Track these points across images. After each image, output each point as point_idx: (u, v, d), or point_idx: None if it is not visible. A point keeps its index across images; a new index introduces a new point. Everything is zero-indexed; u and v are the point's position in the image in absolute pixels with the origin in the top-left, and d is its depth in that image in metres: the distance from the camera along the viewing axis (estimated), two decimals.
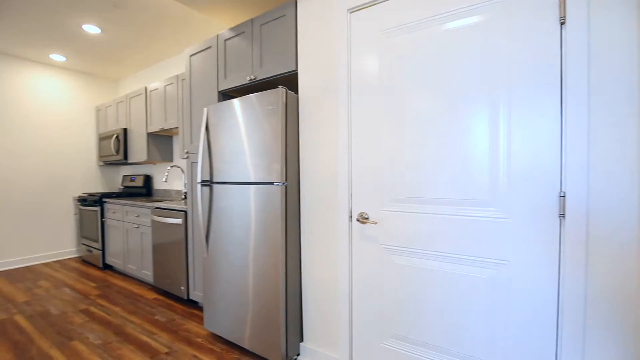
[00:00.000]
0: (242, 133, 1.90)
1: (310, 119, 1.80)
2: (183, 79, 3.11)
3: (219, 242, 2.05)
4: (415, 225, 1.45)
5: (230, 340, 2.04)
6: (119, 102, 4.04)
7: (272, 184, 1.76)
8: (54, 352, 2.02)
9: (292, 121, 1.80)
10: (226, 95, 2.38)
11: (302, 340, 1.90)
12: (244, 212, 1.90)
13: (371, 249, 1.59)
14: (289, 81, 2.07)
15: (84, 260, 4.16)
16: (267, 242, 1.79)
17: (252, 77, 2.08)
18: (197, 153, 2.43)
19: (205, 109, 2.13)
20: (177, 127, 3.23)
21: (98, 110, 4.53)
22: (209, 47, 2.41)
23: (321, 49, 1.75)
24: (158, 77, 4.10)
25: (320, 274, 1.79)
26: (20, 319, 2.48)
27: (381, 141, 1.54)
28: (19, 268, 3.86)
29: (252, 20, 2.09)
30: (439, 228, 1.39)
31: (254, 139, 1.84)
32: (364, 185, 1.60)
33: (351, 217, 1.66)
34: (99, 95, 4.67)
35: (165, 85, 3.33)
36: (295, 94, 1.83)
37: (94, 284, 3.26)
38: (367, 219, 1.59)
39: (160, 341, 2.14)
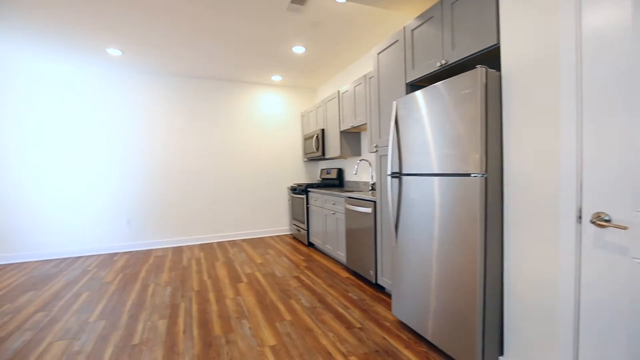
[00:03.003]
0: (433, 122, 1.83)
1: (519, 99, 1.52)
2: (370, 77, 3.31)
3: (408, 234, 2.07)
4: None
5: (415, 330, 2.04)
6: (318, 107, 4.75)
7: (468, 175, 1.61)
8: (280, 305, 2.61)
9: (493, 104, 1.58)
10: (414, 86, 2.36)
11: (501, 353, 1.67)
12: (434, 204, 1.84)
13: (614, 261, 1.19)
14: (484, 62, 1.83)
15: (294, 237, 5.19)
16: (461, 236, 1.66)
17: (443, 62, 1.96)
18: (386, 146, 2.54)
19: (394, 103, 2.18)
20: (365, 124, 3.49)
21: (302, 115, 5.50)
22: (396, 41, 2.44)
23: (531, 11, 1.44)
24: (347, 80, 4.55)
25: (530, 282, 1.51)
26: (259, 275, 3.36)
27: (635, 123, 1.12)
28: (254, 238, 5.23)
29: (441, 2, 1.96)
30: None
31: (446, 128, 1.73)
32: (603, 179, 1.21)
33: (580, 217, 1.30)
34: (302, 103, 5.66)
35: (355, 86, 3.64)
36: (496, 72, 1.59)
37: (302, 257, 4.00)
38: (608, 221, 1.20)
39: (353, 316, 2.39)
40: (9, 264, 4.04)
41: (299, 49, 3.84)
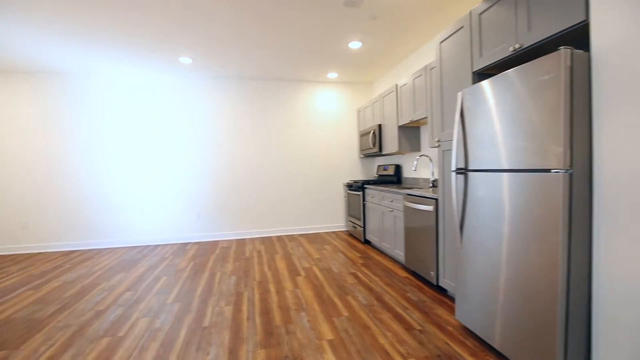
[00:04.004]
0: (504, 113, 1.68)
1: (616, 83, 1.32)
2: (432, 68, 3.15)
3: (475, 234, 1.94)
4: None
5: (481, 337, 1.90)
6: (375, 102, 4.66)
7: (547, 171, 1.44)
8: (337, 300, 2.63)
9: (579, 91, 1.39)
10: (481, 75, 2.19)
11: None
12: (504, 202, 1.68)
13: None
14: (565, 43, 1.61)
15: (350, 234, 5.18)
16: (537, 238, 1.49)
17: (517, 46, 1.78)
18: (450, 140, 2.40)
19: (459, 94, 2.04)
20: (425, 117, 3.33)
21: (359, 111, 5.44)
22: (461, 28, 2.28)
23: None
24: (405, 73, 4.39)
25: (628, 297, 1.30)
26: (316, 270, 3.42)
27: None
28: (311, 233, 5.34)
29: None
30: None
31: (520, 119, 1.57)
32: None
33: None
34: (358, 99, 5.60)
35: (414, 79, 3.50)
36: (584, 53, 1.40)
37: (358, 254, 3.98)
38: None
39: (413, 317, 2.31)
40: (104, 249, 4.68)
41: (355, 44, 3.80)
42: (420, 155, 3.57)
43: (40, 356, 1.93)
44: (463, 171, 2.03)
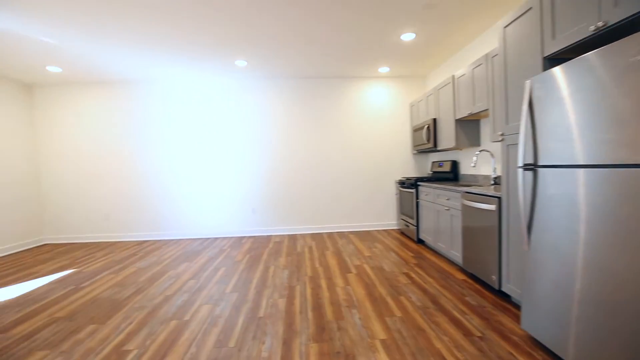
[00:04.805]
0: (586, 102, 1.49)
1: None
2: (493, 56, 2.92)
3: (545, 237, 1.76)
4: None
5: (551, 349, 1.71)
6: (429, 96, 4.46)
7: (638, 166, 1.25)
8: (389, 300, 2.57)
9: None
10: (553, 60, 1.97)
11: None
12: (584, 202, 1.50)
13: None
14: None
15: (402, 233, 5.04)
16: (627, 242, 1.31)
17: (600, 24, 1.57)
18: (516, 134, 2.20)
19: (527, 82, 1.86)
20: (486, 110, 3.10)
21: (412, 105, 5.25)
22: (529, 9, 2.07)
23: None
24: (462, 64, 4.12)
25: None
26: (367, 268, 3.39)
27: None
28: (361, 231, 5.30)
29: None
30: None
31: (603, 108, 1.38)
32: None
33: None
34: (410, 93, 5.40)
35: (473, 69, 3.27)
36: None
37: (411, 254, 3.85)
38: None
39: (472, 323, 2.17)
40: (170, 240, 5.13)
41: (408, 36, 3.66)
42: (480, 151, 3.33)
43: (121, 332, 2.18)
44: (531, 167, 1.85)
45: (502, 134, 2.37)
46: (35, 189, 5.07)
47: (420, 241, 4.39)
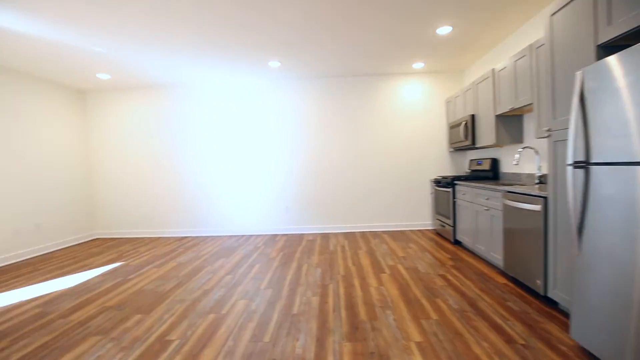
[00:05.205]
0: None
1: None
2: (538, 47, 2.74)
3: (599, 240, 1.62)
4: None
5: None
6: (466, 91, 4.27)
7: None
8: (424, 302, 2.50)
9: None
10: (608, 48, 1.81)
11: None
12: None
13: None
14: None
15: (437, 233, 4.88)
16: None
17: None
18: (565, 129, 2.05)
19: (578, 73, 1.73)
20: (530, 104, 2.92)
21: (448, 102, 5.06)
22: None
23: None
24: (503, 56, 3.90)
25: None
26: (401, 268, 3.32)
27: None
28: (395, 231, 5.20)
29: None
30: None
31: None
32: None
33: None
34: (446, 88, 5.21)
35: (515, 61, 3.09)
36: None
37: (447, 255, 3.72)
38: None
39: (514, 329, 2.05)
40: (208, 236, 5.35)
41: (444, 30, 3.53)
42: (523, 147, 3.14)
43: (164, 323, 2.30)
44: (583, 165, 1.71)
45: (548, 130, 2.22)
46: (88, 189, 5.51)
47: (457, 242, 4.23)
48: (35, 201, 4.51)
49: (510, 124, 3.55)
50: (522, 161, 3.60)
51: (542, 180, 3.10)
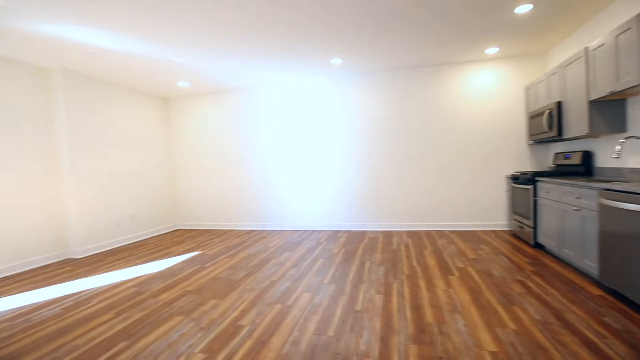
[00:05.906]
0: None
1: None
2: None
3: None
4: None
5: None
6: (551, 75, 3.78)
7: None
8: (499, 309, 2.29)
9: None
10: None
11: None
12: None
13: None
14: None
15: (514, 235, 4.43)
16: None
17: None
18: None
19: None
20: (636, 86, 2.46)
21: (527, 89, 4.55)
22: None
23: None
24: (596, 33, 3.36)
25: None
26: (472, 271, 3.09)
27: None
28: (464, 231, 4.86)
29: None
30: None
31: None
32: None
33: None
34: (525, 74, 4.67)
35: (616, 36, 2.64)
36: None
37: (526, 259, 3.36)
38: None
39: (614, 349, 1.77)
40: (273, 230, 5.63)
41: (523, 8, 3.17)
42: (626, 137, 2.68)
43: (236, 309, 2.48)
44: None
45: None
46: (171, 185, 6.21)
47: (538, 245, 3.79)
48: (131, 197, 5.24)
49: (609, 110, 3.04)
50: (625, 154, 3.06)
51: None
